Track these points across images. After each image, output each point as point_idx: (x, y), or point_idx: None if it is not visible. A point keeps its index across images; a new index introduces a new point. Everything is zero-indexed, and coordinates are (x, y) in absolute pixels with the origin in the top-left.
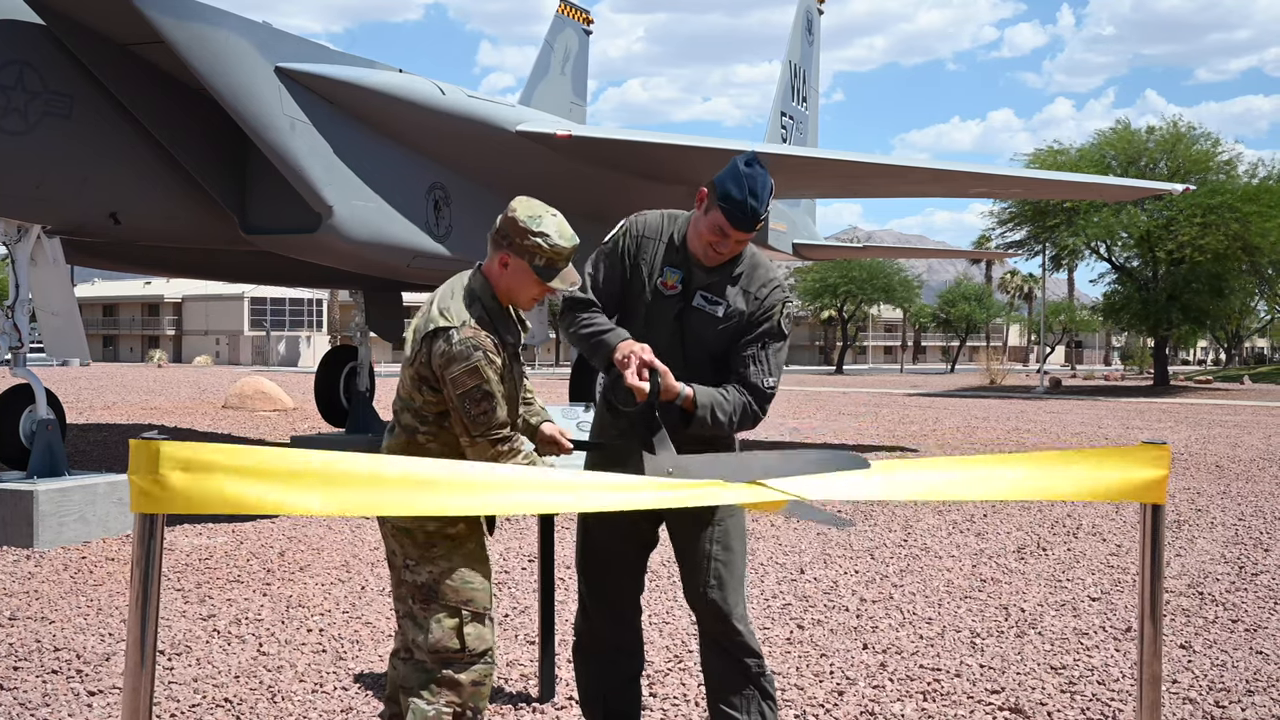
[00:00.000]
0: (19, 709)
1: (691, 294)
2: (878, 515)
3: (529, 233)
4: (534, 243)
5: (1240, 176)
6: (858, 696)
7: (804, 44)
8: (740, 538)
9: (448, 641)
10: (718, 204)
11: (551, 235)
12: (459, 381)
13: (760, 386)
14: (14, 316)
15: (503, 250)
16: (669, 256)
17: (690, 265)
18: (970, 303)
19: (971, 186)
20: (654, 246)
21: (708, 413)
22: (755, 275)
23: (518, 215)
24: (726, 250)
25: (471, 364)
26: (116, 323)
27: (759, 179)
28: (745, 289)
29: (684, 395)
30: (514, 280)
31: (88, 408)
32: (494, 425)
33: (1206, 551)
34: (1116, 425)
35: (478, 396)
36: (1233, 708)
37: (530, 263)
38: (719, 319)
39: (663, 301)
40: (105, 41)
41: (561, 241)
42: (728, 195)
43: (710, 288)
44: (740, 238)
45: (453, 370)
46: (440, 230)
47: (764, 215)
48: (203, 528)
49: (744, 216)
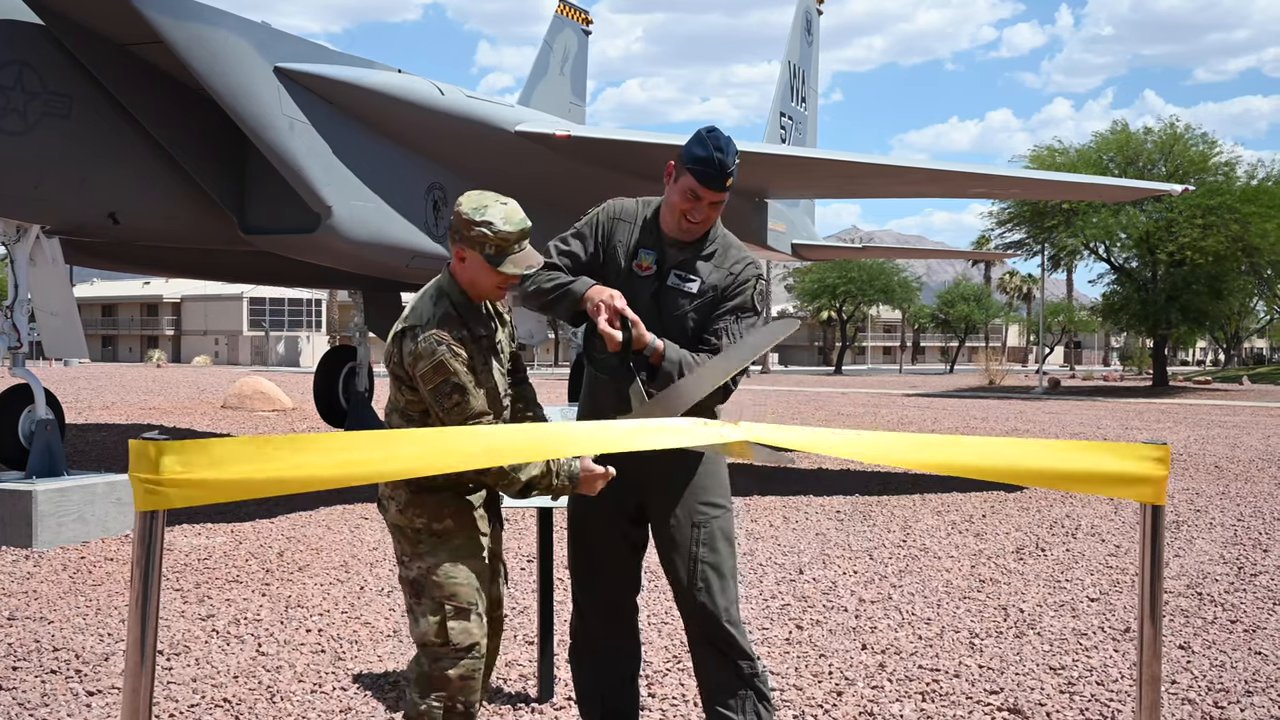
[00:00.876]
0: (18, 709)
1: (666, 273)
2: (876, 515)
3: (473, 223)
4: (479, 232)
5: (1239, 178)
6: (856, 697)
7: (803, 44)
8: (727, 538)
9: (432, 636)
10: (686, 168)
11: (496, 222)
12: (427, 378)
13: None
14: (13, 316)
15: (457, 244)
16: (643, 239)
17: (664, 245)
18: (969, 303)
19: (970, 187)
20: (629, 230)
21: (675, 368)
22: (729, 253)
23: (462, 208)
24: (700, 218)
25: (436, 359)
26: (115, 323)
27: (722, 138)
28: (718, 265)
29: (653, 347)
30: (473, 273)
31: (86, 408)
32: (468, 416)
33: (1205, 552)
34: (1115, 426)
35: (447, 390)
36: (1231, 708)
37: (481, 252)
38: (693, 295)
39: (638, 284)
40: (104, 41)
41: (507, 227)
42: (695, 156)
43: (683, 265)
44: (713, 198)
45: (420, 368)
46: (439, 230)
47: (732, 171)
48: (201, 528)
49: (713, 172)
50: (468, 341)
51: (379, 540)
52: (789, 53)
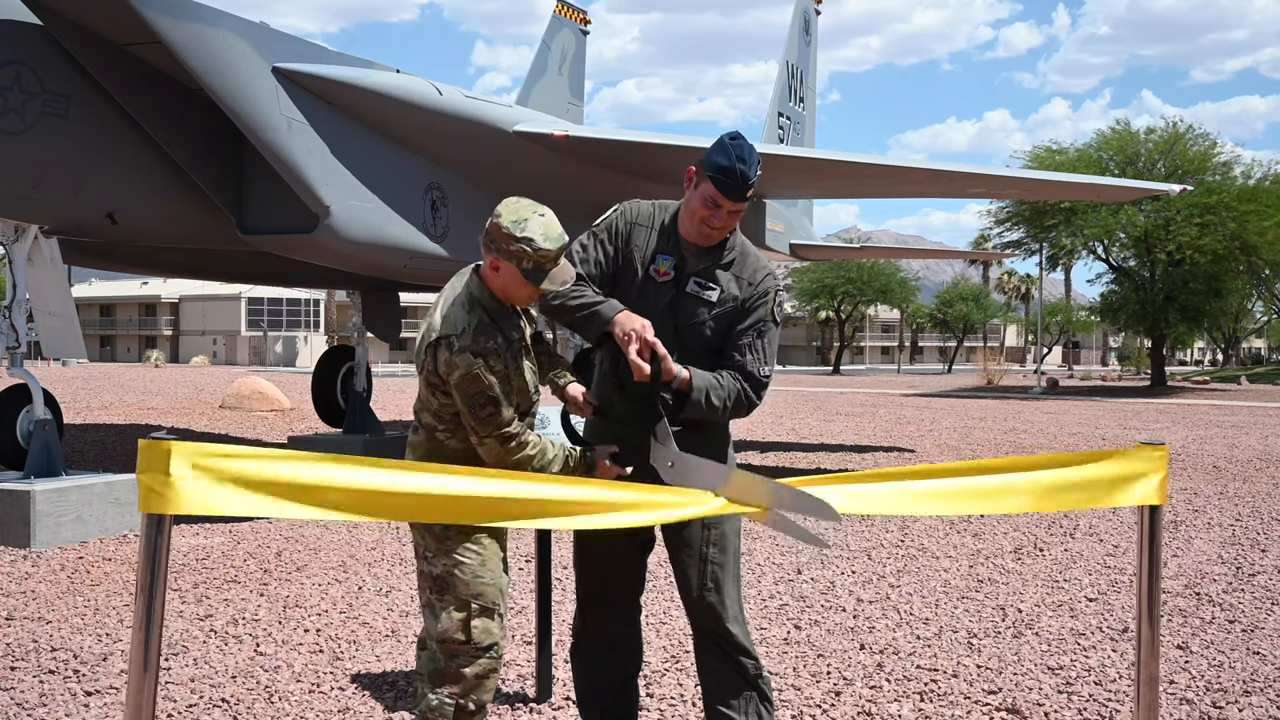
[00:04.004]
0: (16, 709)
1: (685, 280)
2: (874, 515)
3: (513, 239)
4: (519, 248)
5: (1237, 178)
6: (855, 697)
7: (801, 44)
8: (735, 539)
9: (455, 633)
10: (708, 175)
11: (536, 240)
12: (462, 388)
13: (756, 374)
14: (11, 317)
15: (492, 254)
16: (661, 244)
17: (682, 251)
18: (967, 303)
19: (970, 187)
20: (646, 235)
21: (703, 396)
22: (747, 262)
23: (502, 221)
24: (719, 224)
25: (472, 371)
26: (114, 323)
27: (746, 147)
28: (737, 275)
29: (680, 377)
30: (506, 283)
31: (85, 408)
32: (500, 426)
33: (1203, 552)
34: (1114, 425)
35: (481, 401)
36: (1230, 708)
37: (519, 266)
38: (713, 303)
39: (656, 289)
40: (102, 41)
41: (547, 245)
42: (717, 164)
43: (703, 273)
44: (732, 208)
45: (456, 377)
46: (438, 230)
47: (753, 182)
48: (199, 528)
49: (735, 183)
50: (502, 350)
51: (377, 540)
52: (787, 53)
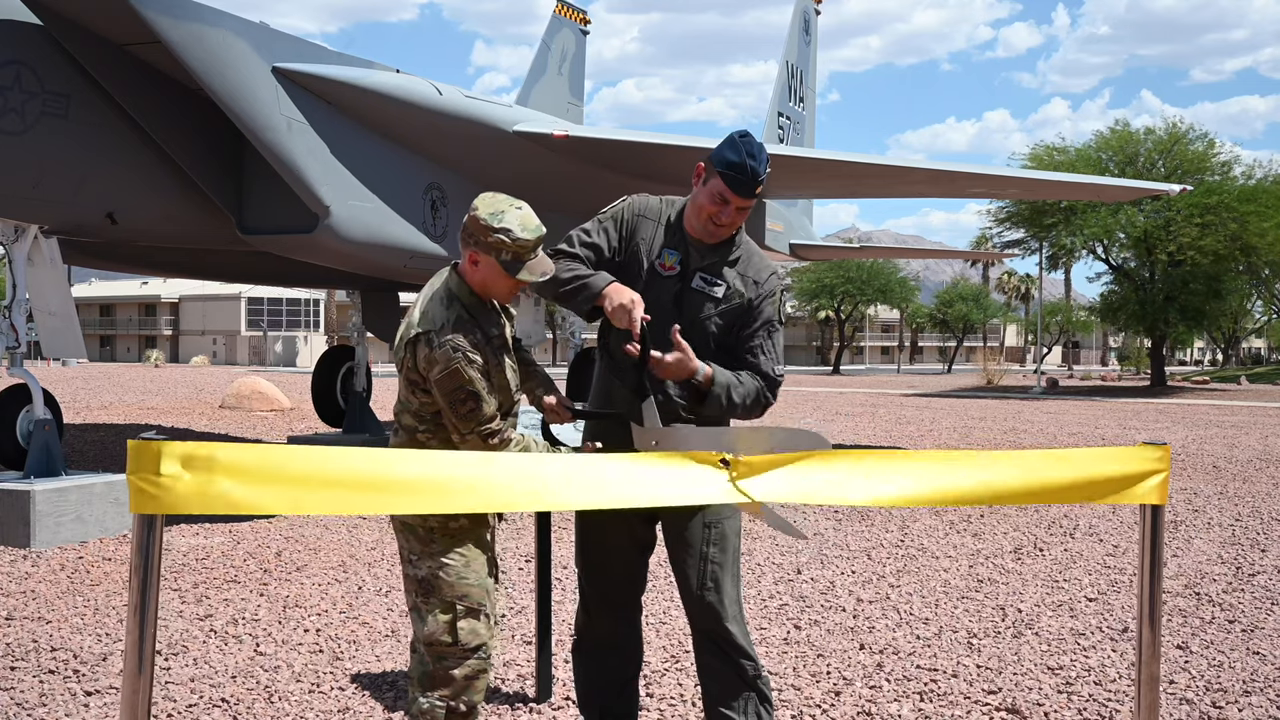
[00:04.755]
0: (16, 709)
1: (690, 275)
2: (874, 515)
3: (491, 230)
4: (496, 239)
5: (1237, 178)
6: (854, 697)
7: (801, 44)
8: (735, 539)
9: (441, 635)
10: (717, 171)
11: (514, 230)
12: (443, 384)
13: (771, 374)
14: (11, 317)
15: (470, 248)
16: (667, 239)
17: (688, 246)
18: (967, 303)
19: (969, 187)
20: (652, 229)
21: (724, 392)
22: (752, 262)
23: (480, 213)
24: (726, 220)
25: (452, 367)
26: (114, 323)
27: (756, 144)
28: (743, 273)
29: (703, 373)
30: (486, 276)
31: (84, 408)
32: (482, 421)
33: (1203, 552)
34: (1114, 425)
35: (462, 397)
36: (1230, 708)
37: (497, 258)
38: (718, 299)
39: (661, 283)
40: (102, 41)
41: (525, 235)
42: (727, 160)
43: (708, 268)
44: (740, 204)
45: (436, 373)
46: (438, 230)
47: (763, 179)
48: (199, 528)
49: (745, 179)
50: (482, 345)
51: (376, 540)
52: (787, 53)
